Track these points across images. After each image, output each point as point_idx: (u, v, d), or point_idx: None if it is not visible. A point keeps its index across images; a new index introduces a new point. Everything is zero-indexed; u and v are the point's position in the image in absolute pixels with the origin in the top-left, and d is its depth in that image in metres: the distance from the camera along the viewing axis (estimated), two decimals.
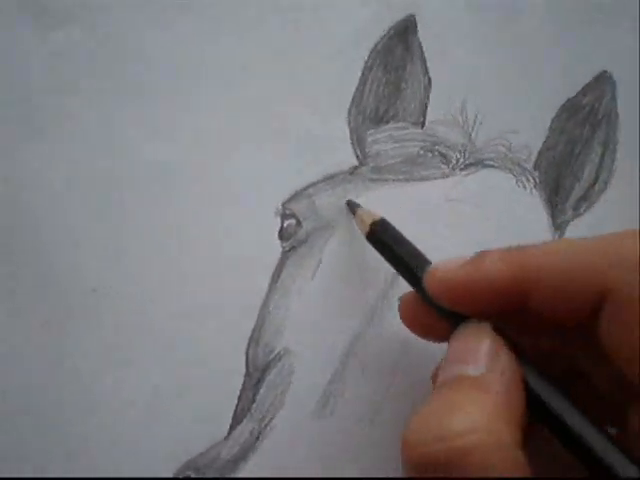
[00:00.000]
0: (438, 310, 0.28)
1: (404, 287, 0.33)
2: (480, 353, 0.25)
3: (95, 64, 0.33)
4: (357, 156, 0.35)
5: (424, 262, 0.30)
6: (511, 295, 0.26)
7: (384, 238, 0.32)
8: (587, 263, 0.24)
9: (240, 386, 0.32)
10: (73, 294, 0.32)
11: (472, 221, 0.35)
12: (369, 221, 0.32)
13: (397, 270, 0.31)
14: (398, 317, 0.33)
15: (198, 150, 0.33)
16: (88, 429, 0.31)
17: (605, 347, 0.25)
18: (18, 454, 0.31)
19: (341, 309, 0.33)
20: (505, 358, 0.25)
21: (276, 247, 0.34)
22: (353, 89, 0.35)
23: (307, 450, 0.32)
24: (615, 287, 0.24)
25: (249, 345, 0.33)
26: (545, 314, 0.26)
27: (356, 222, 0.33)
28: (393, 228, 0.32)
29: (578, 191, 0.36)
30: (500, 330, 0.26)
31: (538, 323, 0.27)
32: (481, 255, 0.27)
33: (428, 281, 0.28)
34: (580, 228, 0.36)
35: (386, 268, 0.34)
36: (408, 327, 0.30)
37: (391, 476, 0.33)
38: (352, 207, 0.34)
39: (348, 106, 0.35)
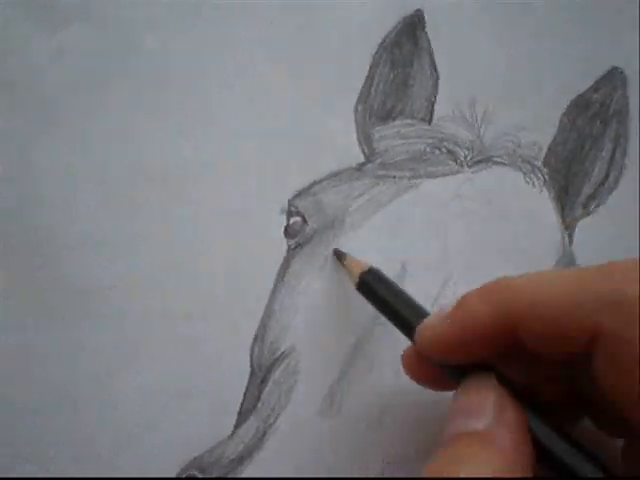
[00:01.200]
0: (438, 365, 0.27)
1: (411, 285, 0.33)
2: (486, 407, 0.24)
3: (106, 60, 0.33)
4: (364, 153, 0.34)
5: (418, 314, 0.29)
6: (500, 335, 0.25)
7: (375, 289, 0.31)
8: (576, 300, 0.23)
9: (245, 385, 0.32)
10: (88, 292, 0.32)
11: (480, 219, 0.34)
12: (358, 271, 0.31)
13: (391, 322, 0.30)
14: None
15: (205, 148, 0.33)
16: (95, 427, 0.31)
17: (601, 387, 0.24)
18: (28, 450, 0.31)
19: (347, 307, 0.33)
20: (511, 410, 0.24)
21: (282, 245, 0.33)
22: (360, 85, 0.34)
23: (312, 449, 0.32)
24: (608, 329, 0.23)
25: (254, 343, 0.32)
26: (537, 351, 0.25)
27: (345, 272, 0.32)
28: (384, 277, 0.31)
29: (588, 189, 0.35)
30: (503, 376, 0.26)
31: (534, 360, 0.26)
32: (462, 302, 0.26)
33: (418, 342, 0.27)
34: (589, 226, 0.35)
35: (394, 266, 0.34)
36: (414, 379, 0.30)
37: (396, 476, 0.32)
38: (339, 256, 0.33)
39: (355, 102, 0.34)
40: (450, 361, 0.27)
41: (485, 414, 0.24)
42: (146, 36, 0.33)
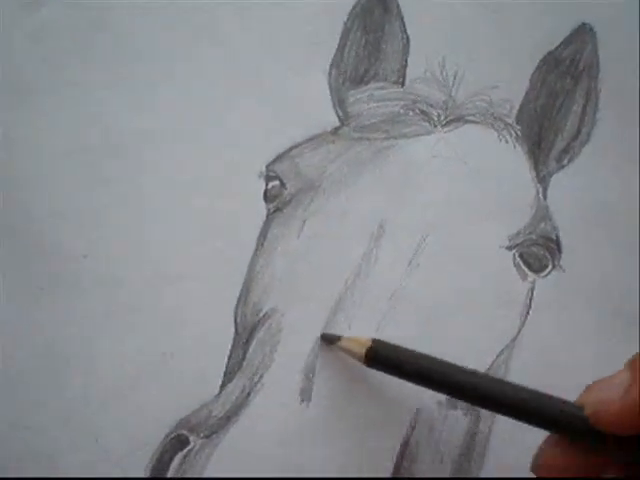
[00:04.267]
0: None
1: (390, 244, 0.34)
2: None
3: (78, 38, 0.34)
4: (339, 116, 0.35)
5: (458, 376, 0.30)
6: None
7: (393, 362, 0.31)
8: None
9: (230, 346, 0.33)
10: (64, 261, 0.33)
11: (455, 177, 0.35)
12: (362, 350, 0.31)
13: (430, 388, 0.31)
14: (384, 272, 0.34)
15: (181, 117, 0.34)
16: (80, 393, 0.32)
17: None
18: (15, 417, 0.32)
19: (327, 267, 0.34)
20: None
21: (261, 209, 0.34)
22: (333, 51, 0.35)
23: (297, 406, 0.32)
24: None
25: (237, 305, 0.33)
26: None
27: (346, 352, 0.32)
28: (394, 347, 0.31)
29: (560, 143, 0.36)
30: None
31: None
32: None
33: (595, 417, 0.27)
34: (563, 180, 0.36)
35: (372, 226, 0.34)
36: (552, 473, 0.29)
37: (384, 432, 0.33)
38: (331, 340, 0.32)
39: (328, 68, 0.35)
40: (624, 433, 0.27)
41: None
42: (115, 12, 0.34)
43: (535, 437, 0.29)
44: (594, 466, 0.28)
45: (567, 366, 0.34)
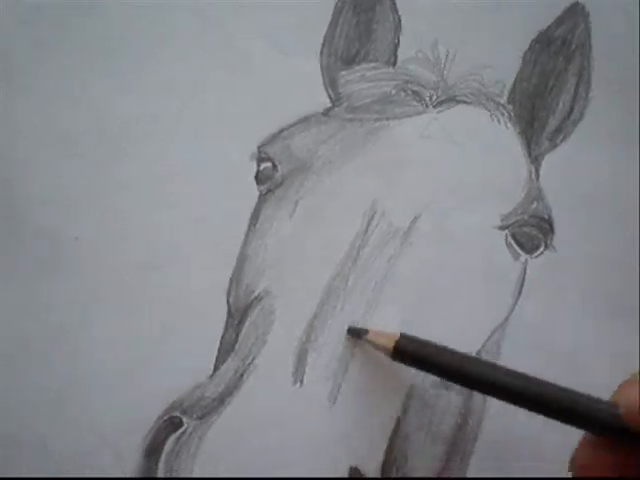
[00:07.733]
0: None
1: (382, 224, 0.34)
2: None
3: (66, 22, 0.33)
4: (330, 97, 0.35)
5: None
6: None
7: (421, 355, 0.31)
8: None
9: (223, 328, 0.33)
10: (56, 244, 0.32)
11: (447, 157, 0.35)
12: (391, 343, 0.31)
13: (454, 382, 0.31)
14: (376, 253, 0.34)
15: (171, 100, 0.34)
16: (73, 376, 0.32)
17: None
18: (7, 402, 0.32)
19: (319, 249, 0.34)
20: None
21: (253, 191, 0.34)
22: (324, 31, 0.35)
23: (290, 387, 0.32)
24: None
25: (230, 287, 0.33)
26: None
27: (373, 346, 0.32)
28: (420, 340, 0.31)
29: (553, 123, 0.36)
30: None
31: None
32: None
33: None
34: (556, 159, 0.36)
35: (364, 206, 0.34)
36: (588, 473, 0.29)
37: (377, 412, 0.33)
38: (358, 333, 0.33)
39: (320, 48, 0.35)
40: None
41: None
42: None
43: (528, 414, 0.29)
44: (631, 465, 0.28)
45: (558, 345, 0.35)
